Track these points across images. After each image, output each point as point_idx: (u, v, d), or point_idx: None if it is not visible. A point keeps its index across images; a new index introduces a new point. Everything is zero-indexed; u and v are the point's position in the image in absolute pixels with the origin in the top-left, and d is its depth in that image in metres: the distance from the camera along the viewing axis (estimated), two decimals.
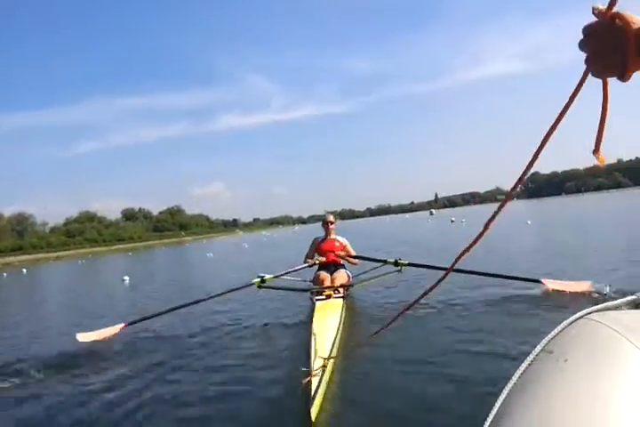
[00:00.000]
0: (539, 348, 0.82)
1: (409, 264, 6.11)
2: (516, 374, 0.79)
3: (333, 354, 3.60)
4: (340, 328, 4.34)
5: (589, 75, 0.75)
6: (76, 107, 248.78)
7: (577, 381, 0.70)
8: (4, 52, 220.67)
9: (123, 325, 5.49)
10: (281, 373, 3.71)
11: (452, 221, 31.34)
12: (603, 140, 0.76)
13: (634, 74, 0.70)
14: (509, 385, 0.78)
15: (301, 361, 3.52)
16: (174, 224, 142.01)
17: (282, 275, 6.23)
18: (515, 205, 71.07)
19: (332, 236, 6.69)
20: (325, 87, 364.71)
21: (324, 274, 6.18)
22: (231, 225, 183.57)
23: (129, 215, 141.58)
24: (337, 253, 6.41)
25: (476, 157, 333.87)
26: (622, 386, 0.67)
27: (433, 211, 76.36)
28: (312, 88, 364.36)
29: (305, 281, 6.66)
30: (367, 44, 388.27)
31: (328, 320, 4.46)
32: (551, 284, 5.42)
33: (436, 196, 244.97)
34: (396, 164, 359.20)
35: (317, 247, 6.57)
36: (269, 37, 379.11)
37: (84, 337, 5.36)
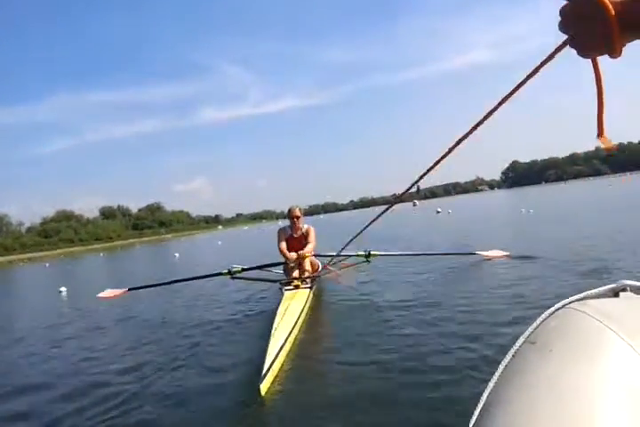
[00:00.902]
0: (521, 339, 0.82)
1: (382, 255, 6.68)
2: (501, 367, 0.78)
3: (291, 338, 3.91)
4: (302, 316, 4.62)
5: (578, 54, 0.73)
6: (43, 104, 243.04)
7: (561, 371, 0.70)
8: None
9: (126, 289, 7.16)
10: (238, 353, 3.96)
11: (438, 212, 29.49)
12: (604, 121, 0.74)
13: (625, 47, 0.68)
14: (494, 378, 0.77)
15: (260, 344, 3.79)
16: (154, 221, 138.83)
17: (254, 268, 6.42)
18: (497, 195, 69.85)
19: (299, 232, 6.50)
20: (304, 78, 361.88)
21: (292, 265, 6.28)
22: (213, 221, 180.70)
23: (107, 213, 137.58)
24: (305, 254, 6.23)
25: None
26: (605, 374, 0.68)
27: (416, 202, 74.37)
28: (291, 79, 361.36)
29: (275, 272, 6.76)
30: (344, 35, 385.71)
31: (292, 309, 4.65)
32: (483, 253, 7.26)
33: (418, 187, 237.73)
34: (377, 155, 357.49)
35: (287, 243, 6.43)
36: (246, 29, 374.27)
37: (103, 294, 7.30)
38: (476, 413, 0.72)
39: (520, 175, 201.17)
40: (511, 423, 0.65)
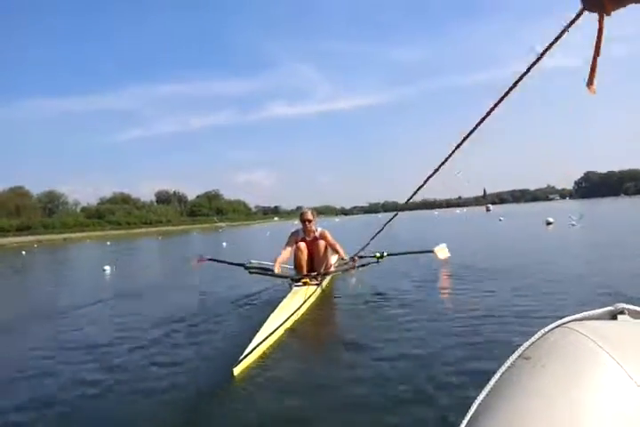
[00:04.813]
0: (516, 354, 0.81)
1: (389, 255, 6.40)
2: (493, 379, 0.78)
3: (281, 329, 3.86)
4: (300, 311, 4.53)
5: (584, 11, 0.75)
6: (119, 94, 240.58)
7: (552, 388, 0.69)
8: (43, 37, 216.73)
9: (198, 258, 7.31)
10: (226, 338, 3.92)
11: (550, 224, 18.54)
12: (596, 71, 0.76)
13: (620, 10, 0.70)
14: (486, 389, 0.76)
15: (251, 332, 3.65)
16: (211, 209, 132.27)
17: (267, 266, 6.42)
18: (574, 205, 57.30)
19: (312, 235, 6.19)
20: (372, 77, 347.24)
21: (304, 261, 6.03)
22: (272, 212, 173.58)
23: (163, 198, 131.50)
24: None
25: (527, 152, 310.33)
26: (596, 395, 0.67)
27: (490, 206, 61.70)
28: (359, 78, 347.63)
29: (289, 267, 6.66)
30: (416, 34, 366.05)
31: (293, 303, 4.56)
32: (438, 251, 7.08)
33: (485, 191, 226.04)
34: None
35: (296, 248, 6.13)
36: (315, 26, 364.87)
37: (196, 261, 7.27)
38: (465, 421, 0.71)
39: (594, 186, 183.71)
40: None
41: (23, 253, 28.09)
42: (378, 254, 6.25)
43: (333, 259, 6.85)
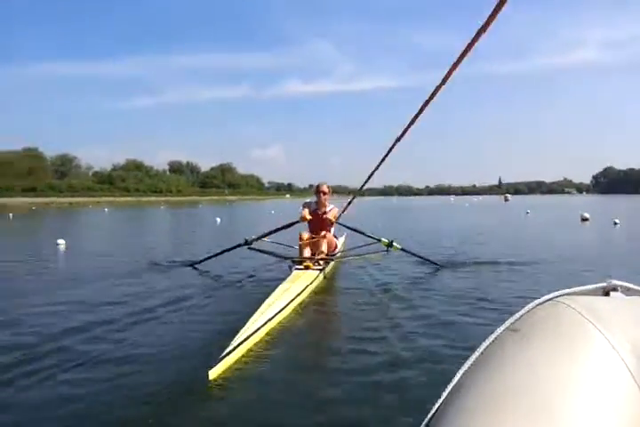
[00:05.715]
0: (504, 326, 0.80)
1: (402, 250, 5.93)
2: (479, 350, 0.77)
3: (273, 322, 3.46)
4: (298, 299, 4.13)
5: None
6: (134, 60, 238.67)
7: (538, 361, 0.69)
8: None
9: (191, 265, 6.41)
10: (209, 332, 3.39)
11: (586, 220, 16.28)
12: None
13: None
14: (471, 359, 0.76)
15: (237, 324, 3.20)
16: (223, 182, 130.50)
17: (268, 234, 6.07)
18: (603, 201, 54.77)
19: (324, 208, 6.01)
20: (392, 60, 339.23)
21: (306, 242, 5.71)
22: (286, 189, 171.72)
23: (175, 168, 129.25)
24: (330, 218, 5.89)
25: (545, 145, 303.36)
26: (582, 370, 0.67)
27: (509, 196, 59.12)
28: (379, 60, 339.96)
29: (291, 247, 6.28)
30: (440, 19, 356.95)
31: (291, 290, 4.17)
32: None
33: (500, 181, 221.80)
34: (460, 145, 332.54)
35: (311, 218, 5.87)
36: (337, 6, 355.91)
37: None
38: (446, 392, 0.71)
39: (613, 182, 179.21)
40: (478, 404, 0.64)
41: (10, 216, 26.26)
42: (385, 240, 5.76)
43: (339, 243, 6.64)
